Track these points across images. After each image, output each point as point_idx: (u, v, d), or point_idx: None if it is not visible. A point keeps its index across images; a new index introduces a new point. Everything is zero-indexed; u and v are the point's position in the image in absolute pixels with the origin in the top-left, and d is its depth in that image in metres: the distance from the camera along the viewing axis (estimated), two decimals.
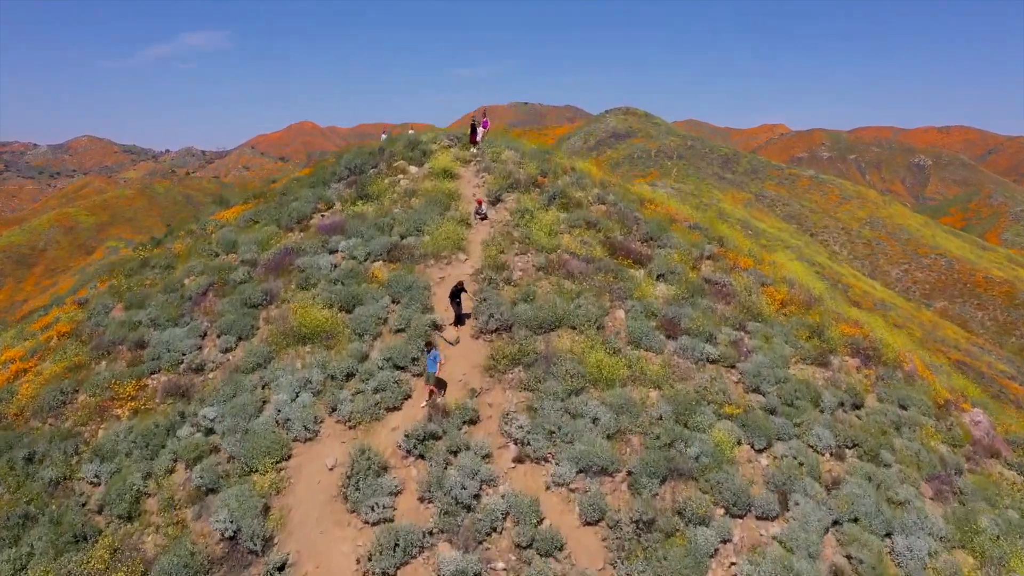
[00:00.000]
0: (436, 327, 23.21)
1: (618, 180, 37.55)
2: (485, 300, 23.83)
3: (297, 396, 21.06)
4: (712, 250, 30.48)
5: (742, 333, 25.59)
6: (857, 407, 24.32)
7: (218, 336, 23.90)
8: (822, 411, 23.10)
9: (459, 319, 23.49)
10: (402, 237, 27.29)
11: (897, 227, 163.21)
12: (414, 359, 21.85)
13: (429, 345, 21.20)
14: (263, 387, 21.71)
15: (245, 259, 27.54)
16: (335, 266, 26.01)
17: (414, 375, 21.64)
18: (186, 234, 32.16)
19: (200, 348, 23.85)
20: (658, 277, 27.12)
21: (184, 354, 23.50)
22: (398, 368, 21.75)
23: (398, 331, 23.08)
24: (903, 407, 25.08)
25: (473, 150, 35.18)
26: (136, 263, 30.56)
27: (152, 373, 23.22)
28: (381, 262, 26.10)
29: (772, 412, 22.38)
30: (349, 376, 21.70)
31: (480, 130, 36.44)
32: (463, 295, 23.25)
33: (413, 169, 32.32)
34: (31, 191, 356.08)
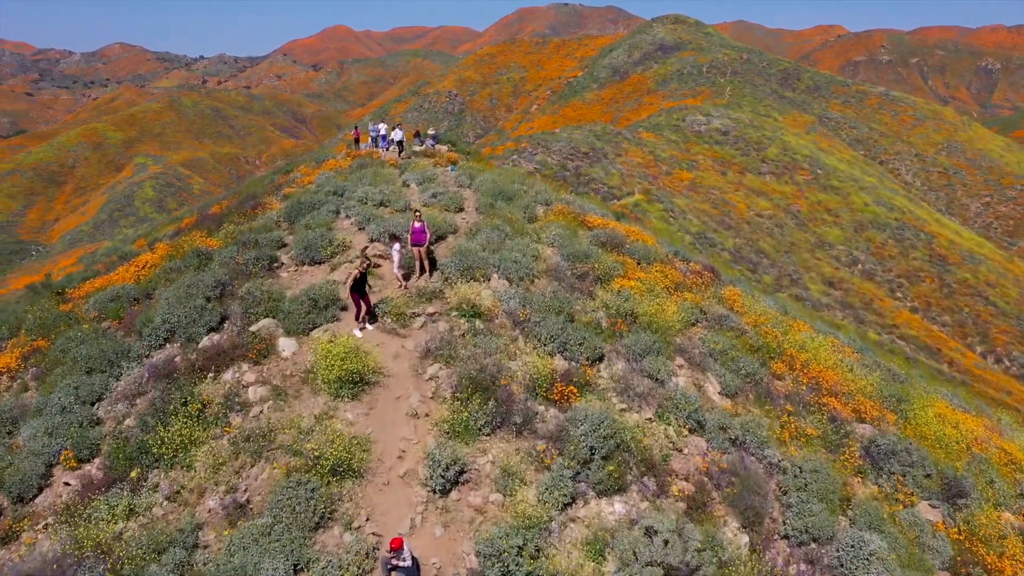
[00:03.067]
0: None
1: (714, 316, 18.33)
2: None
3: None
4: None
5: None
6: None
7: None
8: None
9: None
10: None
11: (977, 152, 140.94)
12: None
13: None
14: None
15: None
16: None
17: None
18: None
19: None
20: None
21: None
22: None
23: None
24: None
25: (420, 282, 16.18)
26: None
27: None
28: None
29: None
30: None
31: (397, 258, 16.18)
32: None
33: (286, 349, 13.62)
34: (65, 102, 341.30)
